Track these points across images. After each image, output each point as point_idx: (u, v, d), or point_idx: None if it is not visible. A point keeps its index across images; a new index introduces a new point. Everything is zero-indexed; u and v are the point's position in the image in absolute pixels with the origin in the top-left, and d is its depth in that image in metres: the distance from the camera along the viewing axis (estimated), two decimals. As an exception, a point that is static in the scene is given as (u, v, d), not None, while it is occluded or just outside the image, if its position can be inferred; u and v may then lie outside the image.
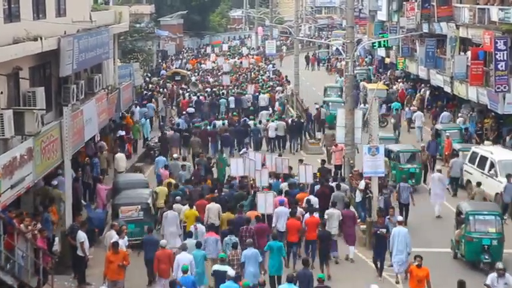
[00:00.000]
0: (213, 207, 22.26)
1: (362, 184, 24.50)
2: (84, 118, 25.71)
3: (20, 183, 19.27)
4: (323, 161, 29.11)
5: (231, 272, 17.30)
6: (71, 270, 20.53)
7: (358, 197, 24.75)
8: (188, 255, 18.39)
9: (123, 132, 34.50)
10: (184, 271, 17.47)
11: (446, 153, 31.63)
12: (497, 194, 26.65)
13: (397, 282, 20.24)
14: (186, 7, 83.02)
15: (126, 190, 24.56)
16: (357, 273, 21.11)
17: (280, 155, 29.99)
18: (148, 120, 38.36)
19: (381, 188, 24.16)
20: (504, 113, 32.95)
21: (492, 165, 27.51)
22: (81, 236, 20.08)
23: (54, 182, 23.57)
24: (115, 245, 18.73)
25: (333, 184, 24.83)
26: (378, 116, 35.53)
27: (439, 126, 35.64)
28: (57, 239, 21.39)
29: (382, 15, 59.46)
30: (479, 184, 26.50)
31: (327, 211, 22.29)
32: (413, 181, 29.23)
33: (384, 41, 36.15)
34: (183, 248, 18.85)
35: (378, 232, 20.61)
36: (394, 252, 20.19)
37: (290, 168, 27.44)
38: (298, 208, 22.16)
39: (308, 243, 21.20)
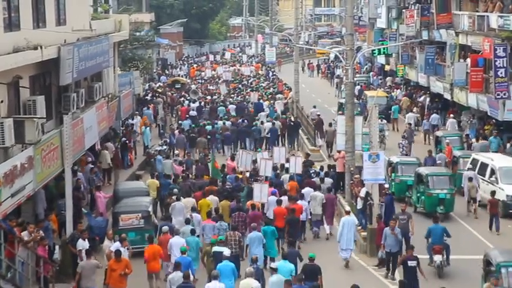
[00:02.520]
0: (211, 200, 24.31)
1: (363, 191, 24.48)
2: (85, 126, 25.74)
3: (21, 192, 19.29)
4: (307, 154, 32.43)
5: (227, 252, 19.13)
6: (71, 279, 20.45)
7: (359, 204, 24.73)
8: (181, 239, 20.25)
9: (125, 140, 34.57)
10: (183, 252, 19.26)
11: (447, 161, 31.55)
12: (498, 200, 26.63)
13: (347, 266, 22.10)
14: (185, 15, 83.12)
15: (127, 198, 24.56)
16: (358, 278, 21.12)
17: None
18: (148, 128, 38.42)
19: (381, 195, 24.26)
20: (504, 120, 32.95)
21: (493, 172, 27.53)
22: (80, 244, 20.09)
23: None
24: (118, 253, 18.73)
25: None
26: (382, 135, 35.45)
27: (439, 133, 35.62)
28: (57, 247, 21.36)
29: (381, 23, 59.54)
30: (470, 179, 27.16)
31: (311, 194, 25.25)
32: (442, 208, 26.35)
33: (384, 48, 36.09)
34: (176, 232, 20.70)
35: (409, 264, 18.92)
36: (342, 241, 21.94)
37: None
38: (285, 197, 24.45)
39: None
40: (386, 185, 25.28)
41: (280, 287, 16.51)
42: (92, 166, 29.06)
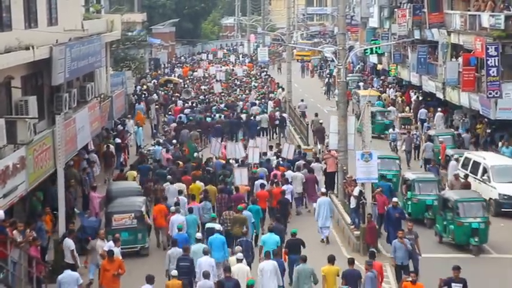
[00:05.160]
0: (199, 184, 26.60)
1: (356, 190, 24.51)
2: (77, 126, 25.72)
3: (13, 192, 19.25)
4: (298, 146, 34.20)
5: (218, 226, 21.36)
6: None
7: (353, 203, 24.75)
8: (181, 217, 22.41)
9: (119, 140, 34.53)
10: (180, 229, 21.13)
11: (442, 159, 31.59)
12: (490, 199, 26.73)
13: (323, 241, 24.21)
14: (178, 15, 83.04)
15: (119, 198, 24.52)
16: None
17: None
18: (140, 128, 38.41)
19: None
20: (496, 119, 33.05)
21: (485, 171, 27.59)
22: (70, 243, 20.05)
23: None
24: (110, 253, 18.69)
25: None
26: (394, 145, 35.00)
27: (431, 132, 35.67)
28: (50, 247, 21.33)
29: (373, 22, 59.59)
30: (444, 167, 28.15)
31: (292, 174, 27.77)
32: (476, 240, 22.92)
33: (376, 48, 36.19)
34: (177, 211, 22.74)
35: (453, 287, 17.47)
36: (320, 220, 24.08)
37: (271, 147, 33.14)
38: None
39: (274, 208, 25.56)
40: (395, 199, 23.74)
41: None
42: (85, 166, 29.05)
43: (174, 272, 17.99)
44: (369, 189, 23.80)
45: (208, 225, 21.98)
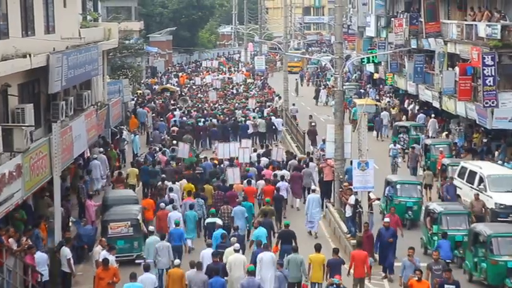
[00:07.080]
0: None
1: (352, 199, 24.52)
2: (73, 134, 25.69)
3: (9, 200, 19.21)
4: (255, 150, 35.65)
5: (219, 221, 22.96)
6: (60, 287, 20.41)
7: (348, 212, 24.76)
8: (177, 213, 23.88)
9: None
10: (176, 224, 22.67)
11: (439, 168, 31.58)
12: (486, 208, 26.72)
13: (310, 234, 25.87)
14: (175, 23, 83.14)
15: (116, 206, 24.50)
16: None
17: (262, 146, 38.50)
18: (137, 136, 38.42)
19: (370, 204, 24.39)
20: (493, 128, 33.09)
21: (481, 180, 27.59)
22: (67, 252, 20.00)
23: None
24: (105, 261, 18.65)
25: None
26: (395, 162, 34.57)
27: (428, 141, 35.73)
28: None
29: (370, 31, 59.70)
30: (428, 168, 29.35)
31: (278, 172, 29.34)
32: None
33: (373, 57, 36.18)
34: (174, 207, 24.16)
35: None
36: (309, 215, 25.76)
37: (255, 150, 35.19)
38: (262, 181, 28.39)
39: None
40: (387, 219, 22.66)
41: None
42: (82, 175, 29.04)
43: (177, 262, 19.24)
44: (365, 198, 23.80)
45: (208, 220, 23.77)
